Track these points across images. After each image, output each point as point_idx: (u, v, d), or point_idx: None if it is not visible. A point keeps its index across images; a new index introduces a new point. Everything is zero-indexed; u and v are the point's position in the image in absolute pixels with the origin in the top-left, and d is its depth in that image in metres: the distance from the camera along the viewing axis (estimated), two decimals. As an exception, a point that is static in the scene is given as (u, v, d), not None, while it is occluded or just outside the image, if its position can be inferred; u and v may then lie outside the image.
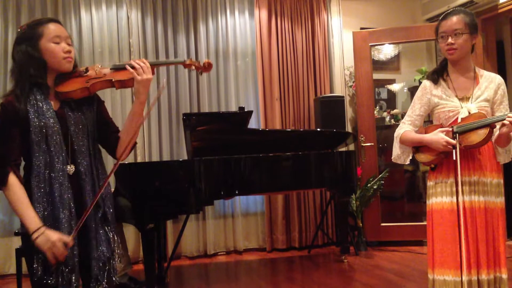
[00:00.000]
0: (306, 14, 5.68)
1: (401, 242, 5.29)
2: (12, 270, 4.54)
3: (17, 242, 4.27)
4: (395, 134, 2.58)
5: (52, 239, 1.76)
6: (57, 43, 1.92)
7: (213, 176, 3.90)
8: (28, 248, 1.84)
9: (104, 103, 2.13)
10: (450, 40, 2.36)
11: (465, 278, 2.18)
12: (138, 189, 3.61)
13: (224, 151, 4.27)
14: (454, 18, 2.36)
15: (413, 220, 5.58)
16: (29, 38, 1.92)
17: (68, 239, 1.79)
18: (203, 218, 5.37)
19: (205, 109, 5.36)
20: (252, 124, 5.11)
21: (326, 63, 5.71)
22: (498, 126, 2.26)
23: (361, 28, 5.83)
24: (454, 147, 2.26)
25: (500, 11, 5.04)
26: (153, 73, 2.00)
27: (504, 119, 2.20)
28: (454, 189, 2.31)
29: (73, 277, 1.83)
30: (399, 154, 2.57)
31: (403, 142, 2.53)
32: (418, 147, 2.49)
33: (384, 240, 5.40)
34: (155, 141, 5.21)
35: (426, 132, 2.45)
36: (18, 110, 1.83)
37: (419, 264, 4.54)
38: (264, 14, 5.51)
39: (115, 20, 5.14)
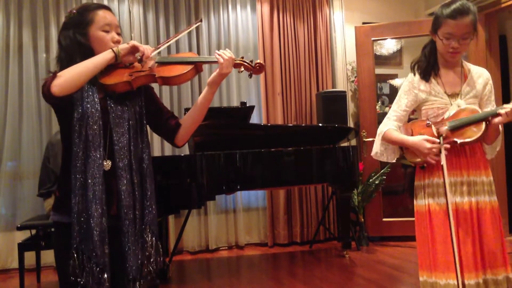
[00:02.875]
0: (308, 9, 5.66)
1: (403, 237, 5.28)
2: (15, 264, 4.55)
3: (19, 236, 4.29)
4: (378, 131, 2.43)
5: (127, 46, 1.80)
6: (107, 32, 1.85)
7: (215, 171, 3.90)
8: (61, 240, 1.78)
9: (153, 89, 2.05)
10: (455, 44, 2.19)
11: (471, 281, 2.13)
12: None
13: (226, 146, 4.27)
14: (465, 21, 2.14)
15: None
16: (78, 23, 1.83)
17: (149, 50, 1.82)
18: (205, 213, 5.38)
19: (207, 104, 5.34)
20: (254, 119, 5.11)
21: (328, 58, 5.70)
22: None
23: (363, 23, 5.81)
24: (440, 150, 2.16)
25: (503, 5, 5.01)
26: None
27: (496, 112, 2.14)
28: (449, 189, 2.22)
29: (104, 277, 1.72)
30: (380, 151, 2.44)
31: (386, 141, 2.39)
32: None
33: (386, 235, 5.40)
34: (156, 136, 5.19)
35: (411, 129, 2.33)
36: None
37: (421, 259, 4.53)
38: (266, 8, 5.49)
39: (117, 14, 5.11)
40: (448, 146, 2.18)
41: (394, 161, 2.44)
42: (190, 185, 3.77)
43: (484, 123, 2.18)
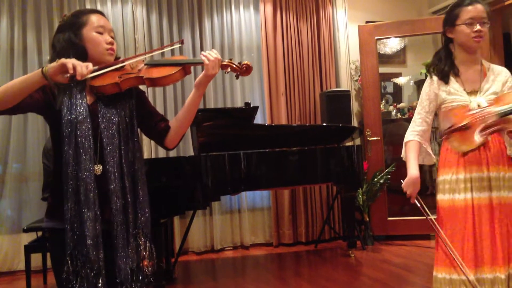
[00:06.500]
0: (311, 8, 5.66)
1: (408, 236, 5.28)
2: (21, 266, 4.57)
3: (25, 238, 4.31)
4: (406, 135, 2.52)
5: (55, 64, 1.67)
6: (101, 33, 1.86)
7: (220, 171, 3.91)
8: (56, 246, 1.80)
9: (145, 93, 2.05)
10: (479, 27, 2.27)
11: (488, 275, 2.14)
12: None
13: (230, 146, 4.28)
14: (480, 6, 2.29)
15: (420, 214, 5.44)
16: (71, 25, 1.85)
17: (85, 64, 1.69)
18: (210, 213, 5.39)
19: (211, 104, 5.36)
20: (258, 119, 5.10)
21: (332, 57, 5.70)
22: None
23: (367, 22, 5.80)
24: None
25: (506, 3, 5.00)
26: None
27: None
28: (468, 185, 2.26)
29: (100, 282, 1.73)
30: (404, 156, 2.58)
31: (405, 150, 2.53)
32: (450, 134, 2.37)
33: (391, 234, 5.39)
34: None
35: (454, 118, 2.34)
36: (54, 97, 1.78)
37: (426, 258, 4.53)
38: (269, 8, 5.49)
39: (120, 16, 5.14)
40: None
41: (432, 163, 2.57)
42: (195, 186, 3.78)
43: None
